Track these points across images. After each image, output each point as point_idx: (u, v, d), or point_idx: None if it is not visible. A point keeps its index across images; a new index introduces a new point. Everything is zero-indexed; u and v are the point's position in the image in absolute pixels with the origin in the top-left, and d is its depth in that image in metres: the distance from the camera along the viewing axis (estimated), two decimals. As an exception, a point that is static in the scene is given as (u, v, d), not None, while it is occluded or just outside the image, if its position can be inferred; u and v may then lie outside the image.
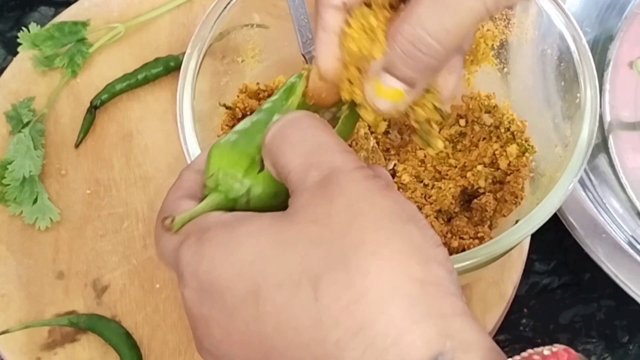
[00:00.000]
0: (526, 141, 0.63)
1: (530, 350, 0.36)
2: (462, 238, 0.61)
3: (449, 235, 0.61)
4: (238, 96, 0.66)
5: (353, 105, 0.45)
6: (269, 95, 0.67)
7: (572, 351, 0.36)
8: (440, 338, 0.35)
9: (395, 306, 0.36)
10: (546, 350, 0.36)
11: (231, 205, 0.42)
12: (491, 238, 0.59)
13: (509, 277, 0.67)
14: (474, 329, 0.36)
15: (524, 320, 0.71)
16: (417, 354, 0.35)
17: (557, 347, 0.36)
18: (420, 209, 0.62)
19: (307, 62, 0.64)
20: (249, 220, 0.39)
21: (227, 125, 0.65)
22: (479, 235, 0.61)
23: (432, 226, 0.61)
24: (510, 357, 0.36)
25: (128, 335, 0.66)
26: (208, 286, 0.39)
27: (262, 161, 0.42)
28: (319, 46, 0.43)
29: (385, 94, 0.42)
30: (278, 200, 0.42)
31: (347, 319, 0.36)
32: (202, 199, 0.43)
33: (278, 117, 0.42)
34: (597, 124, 0.56)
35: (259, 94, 0.67)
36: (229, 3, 0.62)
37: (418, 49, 0.40)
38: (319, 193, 0.38)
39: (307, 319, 0.36)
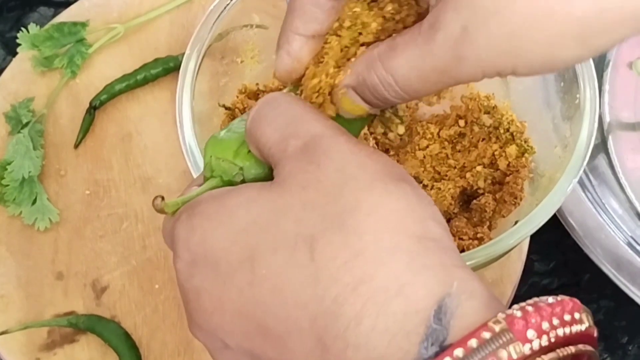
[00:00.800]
0: (525, 142, 0.63)
1: (535, 298, 0.36)
2: (462, 239, 0.61)
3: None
4: (237, 97, 0.66)
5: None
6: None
7: (578, 301, 0.36)
8: (444, 285, 0.35)
9: (395, 260, 0.35)
10: (551, 299, 0.36)
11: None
12: (490, 239, 0.59)
13: (508, 278, 0.67)
14: (475, 279, 0.36)
15: (524, 321, 0.71)
16: (420, 303, 0.35)
17: (561, 297, 0.36)
18: None
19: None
20: (238, 192, 0.39)
21: (225, 126, 0.65)
22: (478, 236, 0.61)
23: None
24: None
25: (127, 336, 0.66)
26: (200, 257, 0.39)
27: None
28: (280, 66, 0.44)
29: (349, 107, 0.43)
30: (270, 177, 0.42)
31: (345, 275, 0.35)
32: None
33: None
34: (596, 124, 0.56)
35: (258, 94, 0.67)
36: (228, 4, 0.62)
37: (386, 90, 0.41)
38: (305, 159, 0.38)
39: (304, 278, 0.36)
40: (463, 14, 0.37)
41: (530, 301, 0.35)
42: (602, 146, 0.73)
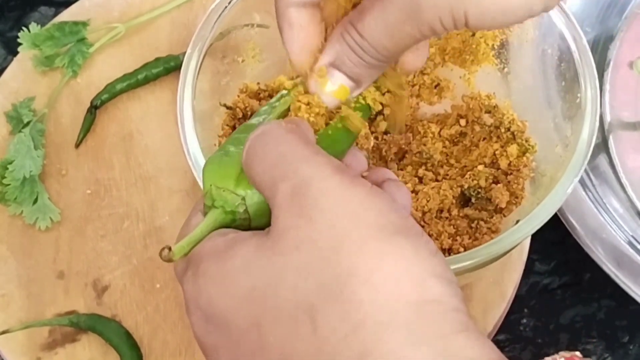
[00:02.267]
0: (526, 141, 0.63)
1: None
2: (463, 238, 0.61)
3: (449, 235, 0.61)
4: (238, 96, 0.66)
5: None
6: (270, 95, 0.67)
7: (577, 357, 0.36)
8: (438, 358, 0.35)
9: (393, 333, 0.35)
10: None
11: (231, 219, 0.42)
12: (492, 238, 0.59)
13: (509, 277, 0.67)
14: (477, 345, 0.36)
15: (524, 320, 0.71)
16: None
17: (561, 356, 0.36)
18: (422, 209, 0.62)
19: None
20: (236, 251, 0.38)
21: (227, 125, 0.65)
22: (477, 235, 0.61)
23: (433, 227, 0.61)
24: None
25: (128, 335, 0.66)
26: (211, 317, 0.39)
27: None
28: (289, 43, 0.44)
29: (331, 92, 0.42)
30: None
31: (347, 349, 0.35)
32: None
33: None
34: (597, 124, 0.56)
35: (259, 93, 0.67)
36: (229, 3, 0.62)
37: (363, 53, 0.41)
38: (295, 211, 0.37)
39: (309, 349, 0.36)
40: None
41: None
42: (602, 146, 0.73)
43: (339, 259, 0.36)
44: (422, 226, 0.61)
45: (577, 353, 0.36)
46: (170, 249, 0.40)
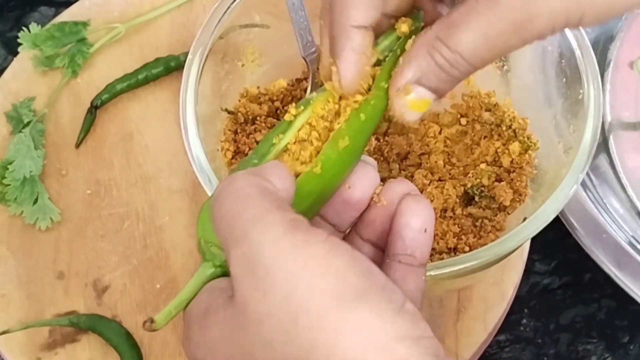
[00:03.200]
0: (528, 138, 0.63)
1: None
2: (468, 237, 0.61)
3: (454, 234, 0.61)
4: (239, 100, 0.66)
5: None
6: (270, 99, 0.67)
7: None
8: None
9: None
10: None
11: (221, 272, 0.41)
12: (497, 236, 0.59)
13: (509, 277, 0.67)
14: None
15: (525, 321, 0.71)
16: None
17: None
18: None
19: (307, 65, 0.64)
20: (213, 318, 0.38)
21: (229, 130, 0.65)
22: (482, 234, 0.61)
23: (438, 226, 0.61)
24: None
25: (128, 336, 0.66)
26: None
27: None
28: (347, 66, 0.42)
29: (415, 107, 0.42)
30: None
31: None
32: None
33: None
34: (600, 121, 0.56)
35: (259, 97, 0.67)
36: (228, 7, 0.62)
37: (454, 68, 0.40)
38: (250, 283, 0.35)
39: None
40: None
41: None
42: (603, 146, 0.73)
43: (299, 333, 0.35)
44: None
45: None
46: (152, 320, 0.40)
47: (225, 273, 0.41)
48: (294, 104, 0.45)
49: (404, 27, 0.45)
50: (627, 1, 0.38)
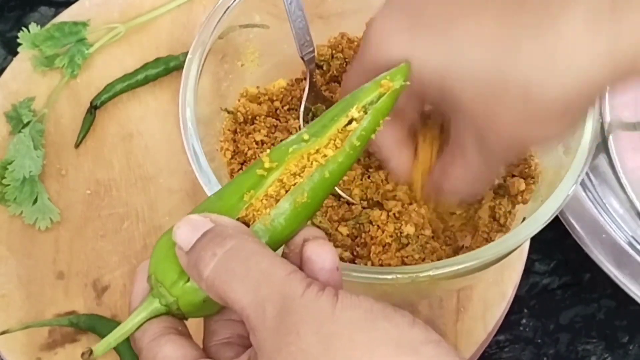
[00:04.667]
0: None
1: None
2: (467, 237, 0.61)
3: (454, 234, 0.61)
4: (239, 100, 0.66)
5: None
6: (269, 99, 0.67)
7: None
8: None
9: None
10: None
11: (166, 310, 0.42)
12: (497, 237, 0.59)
13: (509, 277, 0.67)
14: None
15: (524, 321, 0.71)
16: None
17: None
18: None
19: (306, 66, 0.64)
20: None
21: (229, 129, 0.65)
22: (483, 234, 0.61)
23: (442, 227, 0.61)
24: None
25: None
26: None
27: None
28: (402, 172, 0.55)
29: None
30: (209, 305, 0.42)
31: None
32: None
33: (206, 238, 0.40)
34: (600, 121, 0.56)
35: (259, 97, 0.67)
36: (228, 7, 0.62)
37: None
38: (283, 329, 0.37)
39: None
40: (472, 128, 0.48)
41: None
42: (602, 146, 0.73)
43: (333, 357, 0.36)
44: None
45: None
46: (91, 352, 0.40)
47: (169, 312, 0.42)
48: (267, 152, 0.44)
49: (388, 84, 0.45)
50: (559, 136, 0.48)
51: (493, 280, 0.67)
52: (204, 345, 0.43)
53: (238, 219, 0.43)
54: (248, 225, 0.43)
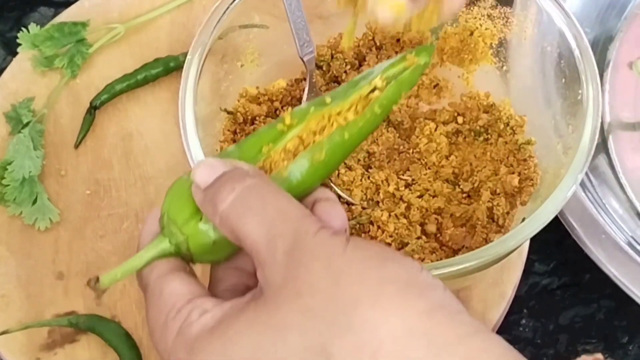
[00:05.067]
0: (528, 142, 0.63)
1: None
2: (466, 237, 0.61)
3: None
4: (239, 100, 0.66)
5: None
6: (269, 100, 0.67)
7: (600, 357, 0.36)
8: None
9: (414, 347, 0.35)
10: None
11: (175, 250, 0.42)
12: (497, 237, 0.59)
13: (508, 278, 0.67)
14: (494, 345, 0.36)
15: (524, 321, 0.71)
16: None
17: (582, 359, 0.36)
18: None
19: (305, 66, 0.64)
20: (235, 318, 0.38)
21: (228, 130, 0.65)
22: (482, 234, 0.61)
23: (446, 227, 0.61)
24: None
25: (128, 336, 0.66)
26: None
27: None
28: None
29: (388, 5, 0.42)
30: (218, 247, 0.42)
31: None
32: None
33: (226, 173, 0.41)
34: (599, 121, 0.56)
35: (258, 98, 0.67)
36: (227, 8, 0.62)
37: None
38: (293, 263, 0.37)
39: None
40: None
41: None
42: (602, 146, 0.73)
43: (341, 292, 0.36)
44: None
45: (599, 355, 0.36)
46: (97, 279, 0.41)
47: (178, 253, 0.42)
48: (289, 110, 0.45)
49: (413, 59, 0.46)
50: None
51: (493, 280, 0.67)
52: (209, 292, 0.43)
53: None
54: None
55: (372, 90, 0.45)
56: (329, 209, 0.42)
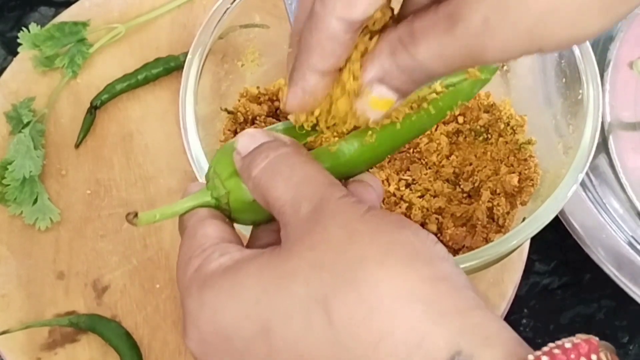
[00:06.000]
0: (529, 142, 0.63)
1: (551, 344, 0.36)
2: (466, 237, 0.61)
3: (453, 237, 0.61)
4: (239, 100, 0.66)
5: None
6: (270, 99, 0.67)
7: (594, 341, 0.36)
8: (462, 333, 0.35)
9: (412, 310, 0.35)
10: (567, 343, 0.36)
11: (215, 204, 0.43)
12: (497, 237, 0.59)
13: (509, 278, 0.67)
14: (492, 322, 0.36)
15: (524, 321, 0.71)
16: (440, 354, 0.35)
17: (578, 338, 0.36)
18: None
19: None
20: (248, 262, 0.39)
21: (229, 130, 0.65)
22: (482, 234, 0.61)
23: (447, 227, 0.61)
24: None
25: (128, 336, 0.66)
26: (210, 335, 0.39)
27: None
28: (293, 101, 0.43)
29: (377, 105, 0.42)
30: (255, 208, 0.43)
31: (366, 333, 0.35)
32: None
33: (264, 143, 0.42)
34: (600, 121, 0.56)
35: (259, 97, 0.67)
36: (228, 7, 0.62)
37: (414, 72, 0.40)
38: (312, 221, 0.38)
39: (325, 344, 0.36)
40: (483, 6, 0.36)
41: (546, 348, 0.36)
42: (602, 146, 0.73)
43: (352, 248, 0.37)
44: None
45: (595, 338, 0.36)
46: (136, 215, 0.41)
47: (218, 207, 0.43)
48: None
49: (474, 73, 0.46)
50: (589, 32, 0.38)
51: (493, 280, 0.67)
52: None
53: (305, 144, 0.44)
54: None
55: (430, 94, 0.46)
56: (361, 189, 0.43)
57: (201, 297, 0.39)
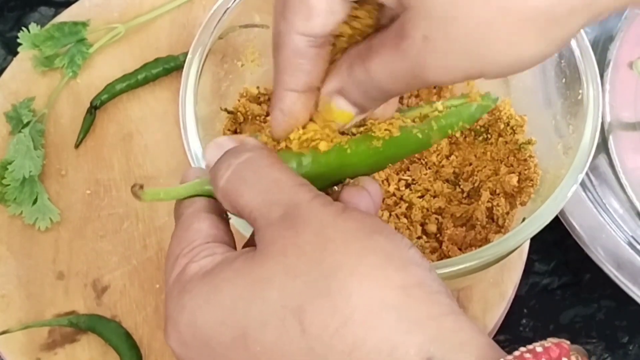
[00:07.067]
0: (529, 142, 0.63)
1: (522, 349, 0.36)
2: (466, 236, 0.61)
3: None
4: (239, 100, 0.66)
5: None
6: (269, 99, 0.67)
7: (565, 345, 0.36)
8: (434, 341, 0.35)
9: (384, 320, 0.36)
10: (538, 347, 0.36)
11: (208, 193, 0.43)
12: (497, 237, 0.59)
13: (509, 278, 0.67)
14: (465, 327, 0.36)
15: (524, 321, 0.71)
16: None
17: (549, 342, 0.36)
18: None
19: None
20: (227, 265, 0.39)
21: (229, 130, 0.65)
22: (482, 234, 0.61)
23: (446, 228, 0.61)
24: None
25: (128, 336, 0.66)
26: (190, 338, 0.39)
27: None
28: (275, 125, 0.44)
29: (335, 115, 0.43)
30: None
31: (339, 343, 0.36)
32: None
33: (229, 157, 0.42)
34: (600, 121, 0.56)
35: (259, 97, 0.67)
36: (228, 7, 0.62)
37: (368, 87, 0.41)
38: (284, 226, 0.38)
39: (299, 352, 0.36)
40: (423, 23, 0.37)
41: (517, 353, 0.36)
42: (602, 146, 0.73)
43: (325, 257, 0.37)
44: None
45: (566, 342, 0.36)
46: (142, 187, 0.42)
47: (210, 196, 0.43)
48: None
49: (475, 97, 0.46)
50: (530, 56, 0.38)
51: (493, 280, 0.67)
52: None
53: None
54: None
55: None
56: (354, 192, 0.43)
57: (181, 301, 0.39)
